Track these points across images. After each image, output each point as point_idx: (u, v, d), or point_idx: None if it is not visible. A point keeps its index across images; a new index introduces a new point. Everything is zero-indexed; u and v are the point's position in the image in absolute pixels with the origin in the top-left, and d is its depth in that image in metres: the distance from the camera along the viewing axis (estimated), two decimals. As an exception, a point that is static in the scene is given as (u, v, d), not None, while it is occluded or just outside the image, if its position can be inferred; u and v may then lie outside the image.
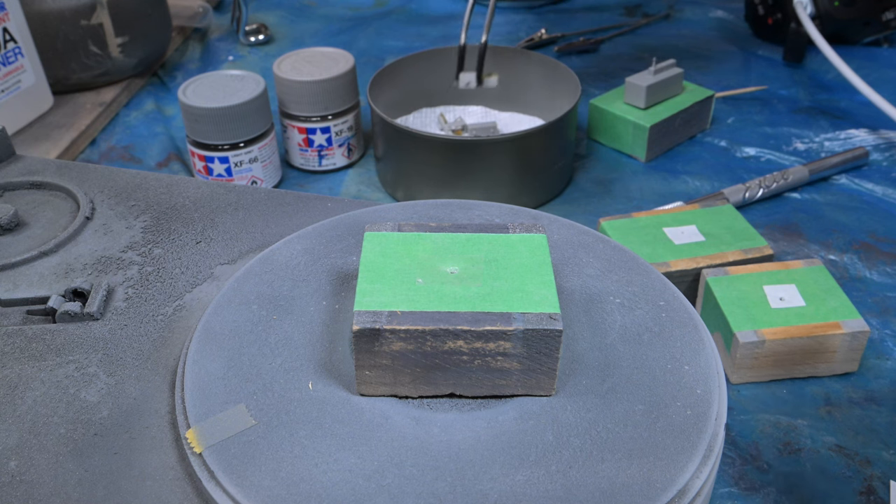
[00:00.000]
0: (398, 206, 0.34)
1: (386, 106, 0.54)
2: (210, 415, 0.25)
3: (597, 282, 0.30)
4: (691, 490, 0.23)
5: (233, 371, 0.26)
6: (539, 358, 0.24)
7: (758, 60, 0.69)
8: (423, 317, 0.24)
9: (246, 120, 0.49)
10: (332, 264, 0.31)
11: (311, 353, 0.27)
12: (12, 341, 0.29)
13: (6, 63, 0.54)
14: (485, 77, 0.51)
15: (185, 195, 0.38)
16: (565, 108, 0.50)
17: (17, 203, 0.37)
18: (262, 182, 0.52)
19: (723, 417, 0.25)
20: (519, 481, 0.23)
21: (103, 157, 0.57)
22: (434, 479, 0.23)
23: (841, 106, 0.62)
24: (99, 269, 0.33)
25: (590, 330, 0.28)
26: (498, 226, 0.28)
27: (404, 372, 0.25)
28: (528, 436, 0.24)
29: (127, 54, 0.62)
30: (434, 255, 0.27)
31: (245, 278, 0.30)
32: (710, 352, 0.27)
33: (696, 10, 0.78)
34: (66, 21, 0.58)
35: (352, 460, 0.23)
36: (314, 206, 0.37)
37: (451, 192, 0.49)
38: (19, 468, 0.24)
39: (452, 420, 0.24)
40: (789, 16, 0.66)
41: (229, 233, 0.35)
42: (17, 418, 0.26)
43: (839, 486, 0.32)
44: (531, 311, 0.24)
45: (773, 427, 0.35)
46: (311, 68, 0.52)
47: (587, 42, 0.72)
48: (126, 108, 0.63)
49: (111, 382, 0.27)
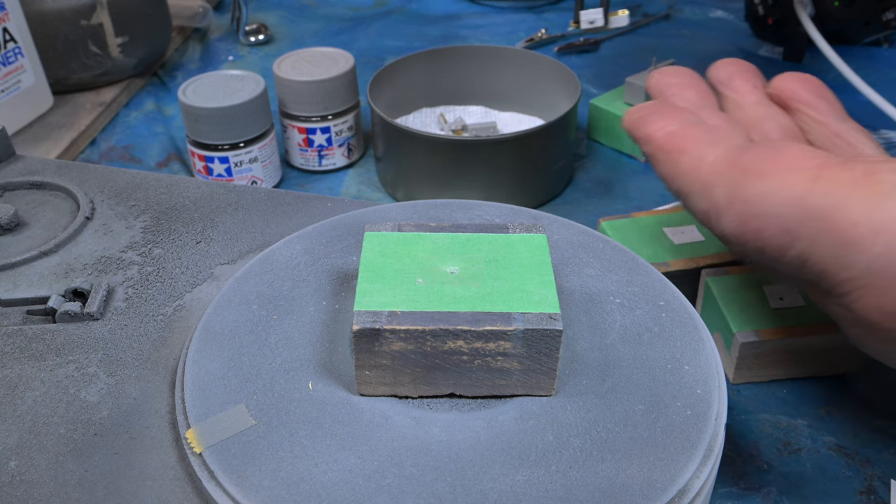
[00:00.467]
0: (398, 206, 0.34)
1: (386, 106, 0.54)
2: (210, 415, 0.25)
3: (597, 282, 0.30)
4: (691, 490, 0.23)
5: (233, 371, 0.26)
6: (539, 358, 0.24)
7: (758, 60, 0.69)
8: (423, 317, 0.24)
9: (246, 120, 0.49)
10: (332, 264, 0.31)
11: (311, 353, 0.27)
12: (12, 341, 0.29)
13: (6, 63, 0.54)
14: (612, 15, 0.41)
15: (185, 195, 0.38)
16: (565, 108, 0.50)
17: (17, 203, 0.37)
18: (262, 182, 0.52)
19: (723, 417, 0.25)
20: (519, 481, 0.23)
21: (103, 157, 0.57)
22: (434, 479, 0.23)
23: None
24: (99, 269, 0.33)
25: (590, 330, 0.28)
26: (498, 226, 0.28)
27: (404, 372, 0.25)
28: (528, 436, 0.24)
29: (127, 54, 0.62)
30: (434, 255, 0.27)
31: (245, 278, 0.30)
32: (710, 352, 0.27)
33: (696, 10, 0.78)
34: (66, 21, 0.58)
35: (352, 460, 0.23)
36: (314, 206, 0.37)
37: (451, 192, 0.49)
38: (19, 468, 0.24)
39: (452, 420, 0.25)
40: (789, 16, 0.66)
41: (229, 233, 0.35)
42: (17, 418, 0.26)
43: (839, 486, 0.32)
44: (531, 311, 0.24)
45: (773, 427, 0.35)
46: (311, 68, 0.52)
47: (587, 42, 0.72)
48: (126, 108, 0.63)
49: (111, 382, 0.27)
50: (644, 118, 0.34)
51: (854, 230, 0.25)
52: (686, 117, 0.34)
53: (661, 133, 0.33)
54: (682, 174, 0.31)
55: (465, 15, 0.79)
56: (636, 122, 0.35)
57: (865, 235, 0.25)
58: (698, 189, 0.30)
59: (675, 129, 0.33)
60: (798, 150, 0.28)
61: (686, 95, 0.37)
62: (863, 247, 0.25)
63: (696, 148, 0.31)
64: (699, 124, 0.33)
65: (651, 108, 0.35)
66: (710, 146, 0.31)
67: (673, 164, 0.32)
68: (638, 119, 0.35)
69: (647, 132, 0.34)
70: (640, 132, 0.34)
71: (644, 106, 0.35)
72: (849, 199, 0.26)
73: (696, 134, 0.32)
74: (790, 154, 0.28)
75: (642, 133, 0.34)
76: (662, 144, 0.33)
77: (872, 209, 0.25)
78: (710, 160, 0.30)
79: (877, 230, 0.25)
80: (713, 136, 0.32)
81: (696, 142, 0.31)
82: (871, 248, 0.25)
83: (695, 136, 0.32)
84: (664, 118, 0.34)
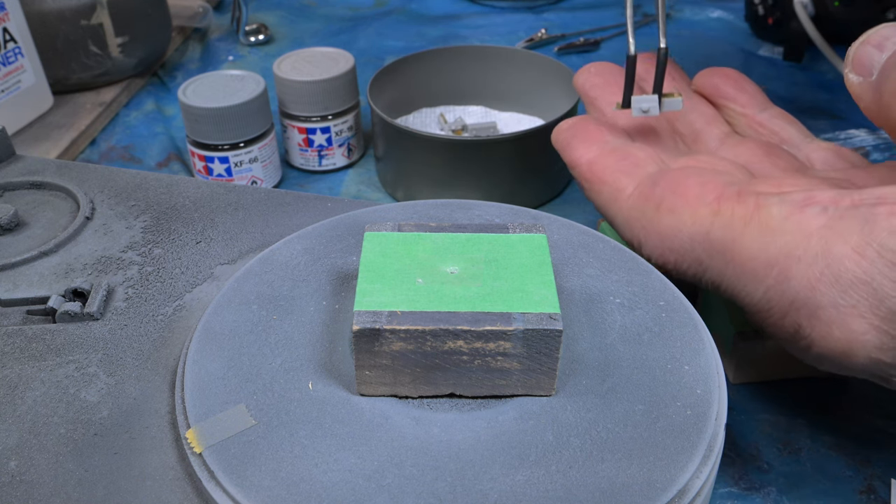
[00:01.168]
0: (398, 206, 0.34)
1: (386, 106, 0.54)
2: (210, 415, 0.25)
3: (597, 282, 0.30)
4: (691, 490, 0.23)
5: (233, 371, 0.26)
6: (539, 358, 0.24)
7: (758, 60, 0.69)
8: (423, 317, 0.24)
9: (246, 120, 0.49)
10: (332, 264, 0.31)
11: (311, 353, 0.27)
12: (12, 341, 0.29)
13: (6, 63, 0.54)
14: (666, 97, 0.37)
15: (185, 195, 0.38)
16: (565, 108, 0.50)
17: (17, 203, 0.37)
18: (262, 182, 0.52)
19: (723, 417, 0.25)
20: (519, 481, 0.23)
21: (103, 157, 0.57)
22: (434, 479, 0.23)
23: (841, 106, 0.62)
24: (99, 269, 0.33)
25: (590, 330, 0.28)
26: (498, 226, 0.28)
27: (404, 372, 0.25)
28: (528, 436, 0.24)
29: (127, 54, 0.62)
30: (434, 255, 0.27)
31: (245, 278, 0.30)
32: (710, 352, 0.27)
33: (696, 10, 0.78)
34: (66, 21, 0.58)
35: (352, 460, 0.23)
36: (314, 206, 0.37)
37: (451, 192, 0.49)
38: (19, 468, 0.24)
39: (452, 420, 0.25)
40: (789, 16, 0.66)
41: (229, 233, 0.35)
42: (17, 418, 0.26)
43: (840, 486, 0.32)
44: (531, 311, 0.24)
45: (773, 427, 0.35)
46: (311, 68, 0.52)
47: (587, 42, 0.72)
48: (126, 108, 0.63)
49: (111, 382, 0.27)
50: (568, 141, 0.36)
51: (751, 263, 0.27)
52: (605, 140, 0.35)
53: (583, 161, 0.35)
54: (604, 205, 0.34)
55: (465, 15, 0.79)
56: (562, 144, 0.36)
57: (759, 268, 0.27)
58: (621, 221, 0.33)
59: (593, 156, 0.35)
60: (698, 181, 0.30)
61: (609, 96, 0.39)
62: (759, 278, 0.27)
63: (615, 179, 0.33)
64: (616, 150, 0.34)
65: (574, 127, 0.36)
66: (626, 177, 0.33)
67: (596, 193, 0.34)
68: (563, 141, 0.36)
69: (571, 158, 0.35)
70: (566, 157, 0.36)
71: (569, 124, 0.37)
72: (744, 234, 0.28)
73: (612, 163, 0.34)
74: (692, 186, 0.30)
75: (568, 158, 0.36)
76: (584, 174, 0.35)
77: (764, 243, 0.27)
78: (626, 193, 0.32)
79: (770, 263, 0.27)
80: (628, 165, 0.33)
81: (613, 172, 0.33)
82: (766, 280, 0.27)
83: (612, 166, 0.34)
84: (585, 142, 0.35)
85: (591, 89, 0.39)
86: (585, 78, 0.40)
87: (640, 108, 0.36)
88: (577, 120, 0.37)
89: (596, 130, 0.36)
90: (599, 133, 0.35)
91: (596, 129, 0.36)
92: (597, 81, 0.39)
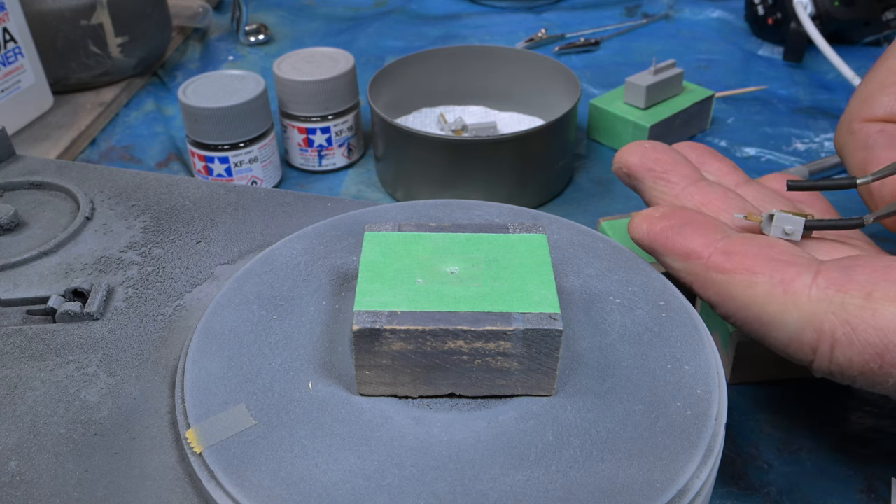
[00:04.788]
0: (398, 206, 0.34)
1: (386, 106, 0.54)
2: (210, 415, 0.25)
3: (597, 282, 0.30)
4: (691, 490, 0.23)
5: (233, 371, 0.26)
6: (539, 358, 0.24)
7: (758, 60, 0.69)
8: (423, 317, 0.24)
9: (246, 120, 0.49)
10: (332, 264, 0.31)
11: (311, 353, 0.27)
12: (12, 341, 0.29)
13: (6, 63, 0.54)
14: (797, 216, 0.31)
15: (185, 195, 0.38)
16: (565, 108, 0.50)
17: (17, 203, 0.37)
18: (262, 182, 0.52)
19: (723, 417, 0.25)
20: (519, 481, 0.23)
21: (103, 157, 0.57)
22: (434, 479, 0.23)
23: (841, 106, 0.62)
24: (99, 269, 0.33)
25: (590, 330, 0.28)
26: (498, 226, 0.28)
27: (404, 372, 0.25)
28: (528, 436, 0.24)
29: (127, 54, 0.62)
30: (434, 255, 0.27)
31: (245, 278, 0.30)
32: (710, 352, 0.27)
33: (696, 10, 0.78)
34: (66, 21, 0.58)
35: (352, 460, 0.23)
36: (314, 206, 0.37)
37: (451, 192, 0.49)
38: (19, 468, 0.24)
39: (452, 420, 0.25)
40: (789, 15, 0.66)
41: (229, 233, 0.35)
42: (17, 418, 0.26)
43: (840, 485, 0.32)
44: (531, 311, 0.24)
45: (773, 427, 0.35)
46: (311, 68, 0.52)
47: (587, 42, 0.72)
48: (126, 108, 0.63)
49: (111, 382, 0.27)
50: (672, 229, 0.30)
51: None
52: (720, 227, 0.30)
53: (712, 250, 0.28)
54: (759, 301, 0.27)
55: (465, 15, 0.79)
56: (659, 235, 0.30)
57: None
58: (795, 319, 0.26)
59: (726, 245, 0.28)
60: None
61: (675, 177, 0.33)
62: None
63: (774, 268, 0.27)
64: (752, 239, 0.29)
65: (675, 216, 0.30)
66: (789, 266, 0.27)
67: (743, 287, 0.27)
68: (661, 231, 0.30)
69: (687, 248, 0.29)
70: (672, 247, 0.29)
71: (662, 213, 0.30)
72: None
73: (758, 251, 0.28)
74: None
75: (679, 249, 0.29)
76: (719, 264, 0.28)
77: None
78: (802, 284, 0.26)
79: None
80: (783, 254, 0.28)
81: (767, 261, 0.27)
82: None
83: (759, 254, 0.28)
84: (699, 229, 0.29)
85: (657, 163, 0.34)
86: (643, 152, 0.34)
87: (784, 228, 0.30)
88: (665, 208, 0.31)
89: (703, 218, 0.30)
90: (707, 220, 0.30)
91: (701, 216, 0.30)
92: (661, 157, 0.34)
